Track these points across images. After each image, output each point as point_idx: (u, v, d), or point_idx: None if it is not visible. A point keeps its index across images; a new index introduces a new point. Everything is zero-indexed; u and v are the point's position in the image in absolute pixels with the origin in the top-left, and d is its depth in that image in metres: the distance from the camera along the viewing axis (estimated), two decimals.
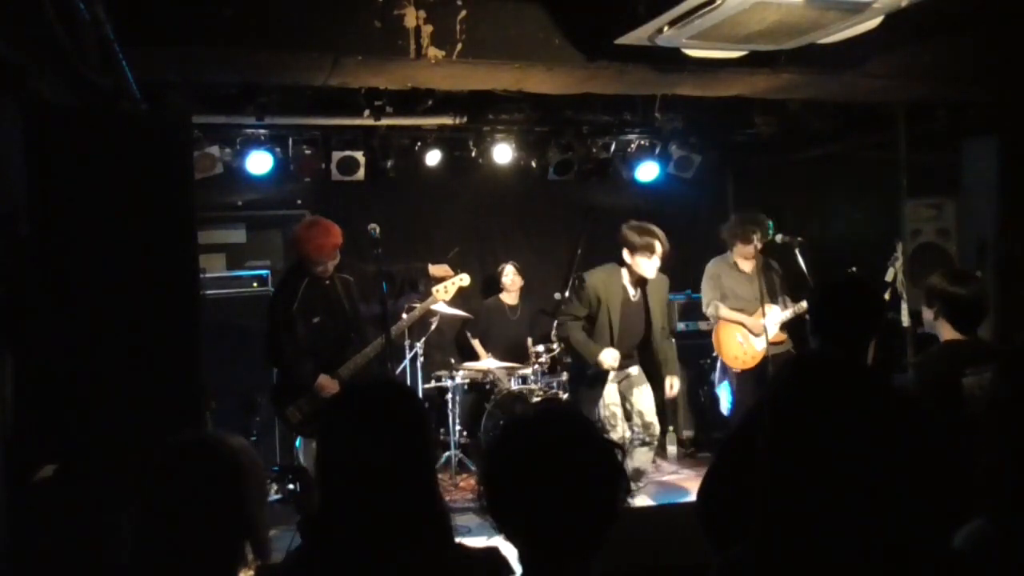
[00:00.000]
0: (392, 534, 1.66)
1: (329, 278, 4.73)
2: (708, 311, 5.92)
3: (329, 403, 1.83)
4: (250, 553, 1.76)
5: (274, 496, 2.55)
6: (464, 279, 5.10)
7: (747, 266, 5.74)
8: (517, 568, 1.60)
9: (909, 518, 1.38)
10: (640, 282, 5.10)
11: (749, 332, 5.67)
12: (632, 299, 5.12)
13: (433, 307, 5.75)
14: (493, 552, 1.73)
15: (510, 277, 6.88)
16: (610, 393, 5.24)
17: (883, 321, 3.21)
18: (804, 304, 5.50)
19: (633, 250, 4.94)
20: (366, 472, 1.67)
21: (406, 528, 1.67)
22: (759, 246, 5.58)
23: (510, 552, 1.62)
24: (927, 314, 3.14)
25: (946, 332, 3.04)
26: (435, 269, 5.09)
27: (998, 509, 1.60)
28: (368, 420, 1.73)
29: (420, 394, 5.82)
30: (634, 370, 5.32)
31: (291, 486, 2.33)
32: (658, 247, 4.91)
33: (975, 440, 1.73)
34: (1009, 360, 1.77)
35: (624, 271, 5.06)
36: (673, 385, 5.34)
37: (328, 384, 4.61)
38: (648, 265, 4.95)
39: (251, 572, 1.90)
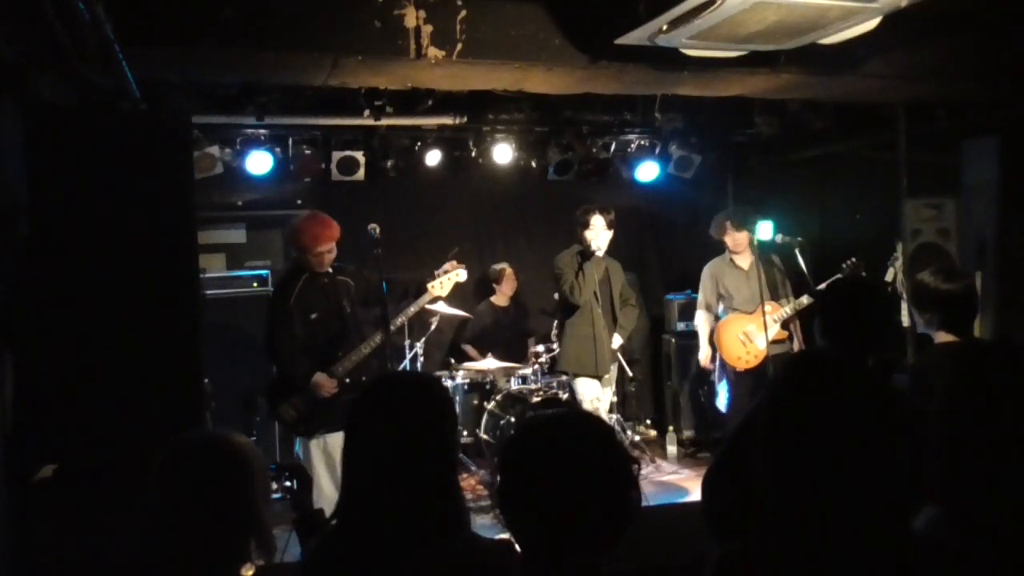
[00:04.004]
0: (412, 523, 1.70)
1: (328, 277, 4.74)
2: (695, 321, 6.18)
3: (358, 395, 1.87)
4: (255, 550, 1.77)
5: (273, 495, 2.56)
6: (461, 274, 5.06)
7: (744, 262, 5.77)
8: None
9: (907, 515, 1.38)
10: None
11: (750, 333, 5.68)
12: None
13: (433, 307, 5.76)
14: (505, 544, 1.75)
15: (510, 281, 6.88)
16: (594, 389, 5.46)
17: (892, 327, 3.21)
18: (803, 300, 5.53)
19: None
20: (391, 462, 1.71)
21: (426, 517, 1.71)
22: (739, 240, 5.71)
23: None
24: (919, 318, 3.12)
25: (941, 335, 3.03)
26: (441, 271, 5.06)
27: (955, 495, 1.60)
28: (395, 411, 1.78)
29: None
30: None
31: (288, 483, 2.34)
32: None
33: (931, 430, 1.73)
34: (965, 357, 1.78)
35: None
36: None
37: (324, 382, 4.60)
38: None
39: (252, 572, 1.90)
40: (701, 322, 6.08)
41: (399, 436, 1.74)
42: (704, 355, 6.05)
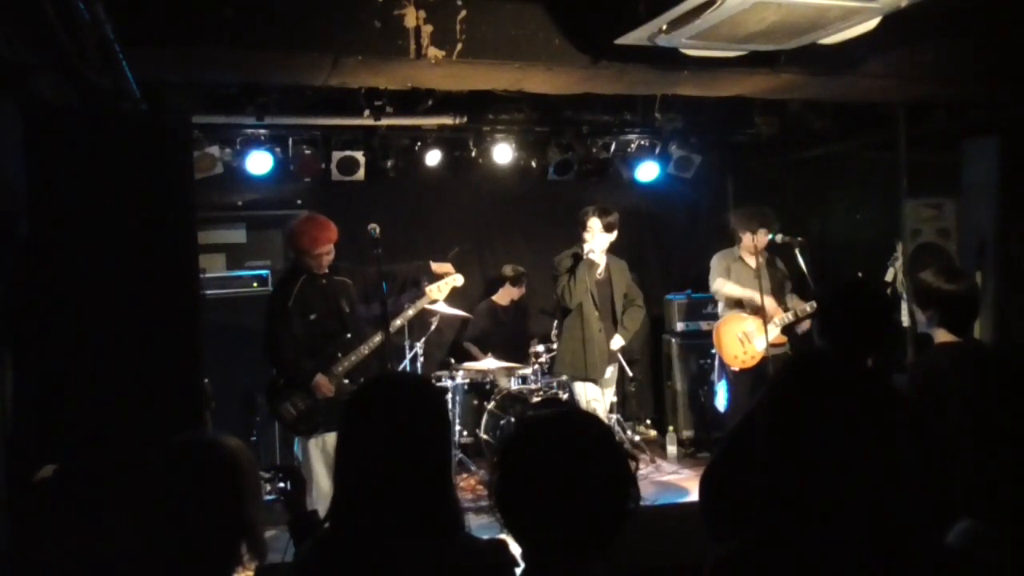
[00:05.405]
0: (406, 523, 1.69)
1: (326, 277, 4.75)
2: (714, 286, 5.87)
3: (351, 396, 1.87)
4: (246, 553, 1.76)
5: (267, 496, 2.58)
6: (458, 279, 5.15)
7: (752, 261, 5.73)
8: (523, 563, 1.61)
9: (905, 516, 1.38)
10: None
11: (749, 333, 5.67)
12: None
13: (433, 307, 5.79)
14: (500, 545, 1.75)
15: (522, 287, 6.89)
16: (592, 390, 5.44)
17: (891, 328, 3.21)
18: (807, 308, 5.49)
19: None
20: (385, 463, 1.71)
21: (420, 518, 1.71)
22: (765, 240, 5.59)
23: (515, 548, 1.63)
24: (921, 316, 3.13)
25: (940, 335, 3.04)
26: (437, 266, 5.12)
27: (991, 509, 1.60)
28: (388, 412, 1.78)
29: None
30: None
31: (282, 484, 2.34)
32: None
33: (959, 442, 1.75)
34: (986, 364, 1.78)
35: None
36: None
37: (324, 383, 4.63)
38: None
39: (249, 573, 1.90)
40: (727, 286, 5.75)
41: (392, 437, 1.73)
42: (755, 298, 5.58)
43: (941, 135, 5.50)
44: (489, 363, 6.24)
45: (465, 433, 6.34)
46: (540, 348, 6.40)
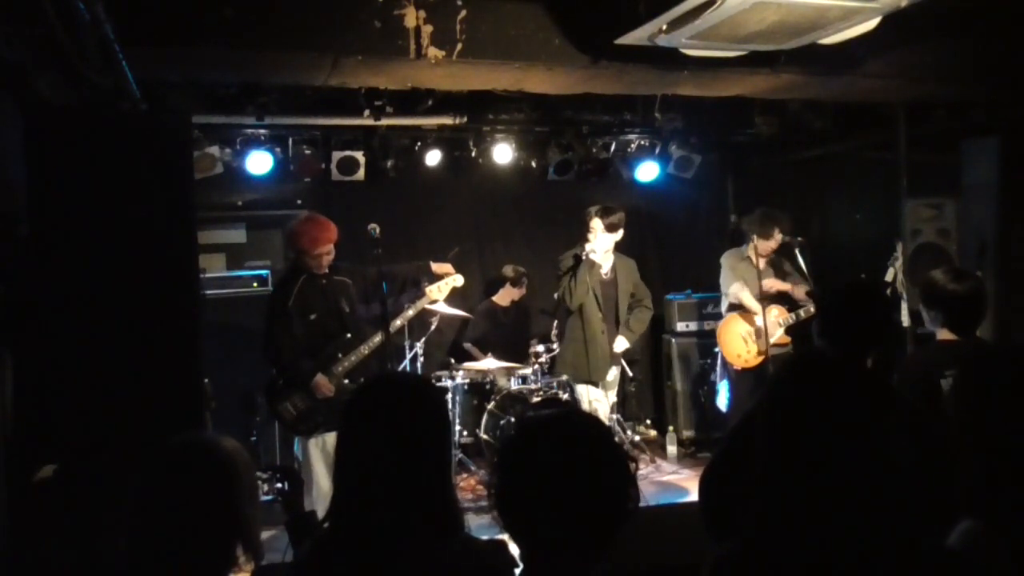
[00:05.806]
0: (406, 523, 1.69)
1: (326, 277, 4.75)
2: (732, 288, 5.82)
3: (351, 396, 1.86)
4: (242, 555, 1.76)
5: (265, 496, 2.58)
6: (458, 279, 5.15)
7: (760, 262, 5.72)
8: (522, 564, 1.61)
9: (905, 516, 1.38)
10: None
11: (752, 333, 5.66)
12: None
13: (433, 307, 5.80)
14: (500, 545, 1.75)
15: (523, 288, 6.89)
16: (593, 392, 5.46)
17: (891, 328, 3.22)
18: (812, 308, 5.48)
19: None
20: (385, 463, 1.71)
21: (420, 518, 1.71)
22: (776, 245, 5.58)
23: (515, 548, 1.63)
24: (926, 315, 3.14)
25: (942, 333, 3.05)
26: (437, 267, 5.13)
27: (992, 509, 1.60)
28: (389, 412, 1.77)
29: None
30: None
31: (280, 485, 2.34)
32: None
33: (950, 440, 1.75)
34: (972, 361, 1.79)
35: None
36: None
37: (323, 384, 4.63)
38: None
39: (245, 574, 1.90)
40: (744, 295, 5.70)
41: (391, 438, 1.73)
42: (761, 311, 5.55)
43: (941, 135, 5.50)
44: (489, 363, 6.23)
45: (465, 433, 6.33)
46: (540, 348, 6.40)
